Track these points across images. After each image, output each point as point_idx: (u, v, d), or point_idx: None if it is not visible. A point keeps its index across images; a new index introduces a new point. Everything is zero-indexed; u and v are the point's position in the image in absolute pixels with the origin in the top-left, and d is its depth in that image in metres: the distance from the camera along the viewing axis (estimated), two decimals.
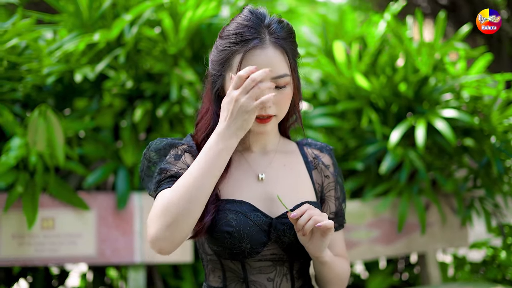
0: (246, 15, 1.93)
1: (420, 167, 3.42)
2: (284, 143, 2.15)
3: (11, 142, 3.12)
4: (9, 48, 3.41)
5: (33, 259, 3.23)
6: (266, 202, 1.99)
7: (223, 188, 1.98)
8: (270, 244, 1.95)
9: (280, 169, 2.06)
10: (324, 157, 2.15)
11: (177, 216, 1.74)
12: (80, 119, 3.45)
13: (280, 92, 1.90)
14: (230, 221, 1.90)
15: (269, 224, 1.94)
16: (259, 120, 1.91)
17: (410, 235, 3.57)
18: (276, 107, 1.92)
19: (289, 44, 1.94)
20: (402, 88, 3.54)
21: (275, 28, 1.91)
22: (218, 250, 1.95)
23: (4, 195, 3.19)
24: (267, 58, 1.87)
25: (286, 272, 2.00)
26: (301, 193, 2.05)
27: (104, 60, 3.37)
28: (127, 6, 3.56)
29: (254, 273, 1.97)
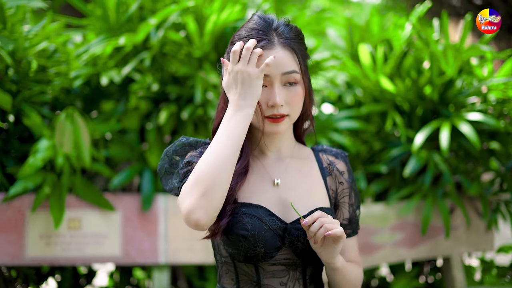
0: (256, 20, 2.00)
1: (444, 170, 3.41)
2: (299, 148, 2.16)
3: (39, 144, 3.19)
4: (39, 52, 3.48)
5: (59, 259, 3.29)
6: (281, 207, 2.00)
7: (239, 191, 2.00)
8: (284, 249, 1.96)
9: (295, 175, 2.07)
10: (339, 164, 2.16)
11: (210, 182, 1.78)
12: (106, 121, 3.51)
13: (291, 90, 1.94)
14: (246, 224, 1.92)
15: (283, 229, 1.96)
16: (272, 120, 1.94)
17: (435, 238, 3.56)
18: (288, 107, 1.94)
19: (298, 45, 1.98)
20: (427, 91, 3.53)
21: (282, 30, 1.97)
22: (233, 253, 1.97)
23: (32, 195, 3.26)
24: (276, 56, 1.91)
25: (299, 277, 2.01)
26: (315, 199, 2.06)
27: (130, 63, 3.43)
28: (154, 9, 3.61)
29: (267, 277, 1.99)
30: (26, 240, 3.26)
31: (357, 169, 3.67)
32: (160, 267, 3.36)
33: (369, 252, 3.44)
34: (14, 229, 3.26)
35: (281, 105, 1.91)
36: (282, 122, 1.95)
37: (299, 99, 1.96)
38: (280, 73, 1.91)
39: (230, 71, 1.90)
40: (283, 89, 1.93)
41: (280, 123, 1.95)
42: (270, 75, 1.91)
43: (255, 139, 2.07)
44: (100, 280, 4.39)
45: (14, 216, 3.26)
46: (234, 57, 1.89)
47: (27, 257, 3.25)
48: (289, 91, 1.93)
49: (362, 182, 3.53)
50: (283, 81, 1.93)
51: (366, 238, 3.44)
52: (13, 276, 3.69)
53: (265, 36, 1.94)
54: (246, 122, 1.86)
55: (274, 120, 1.94)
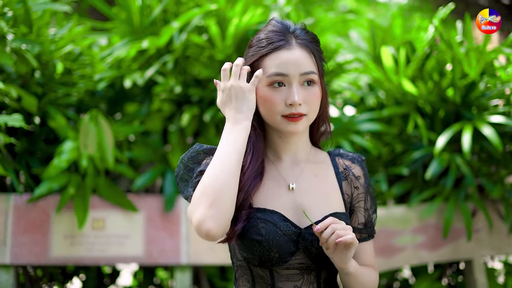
0: (273, 23, 2.04)
1: (466, 172, 3.40)
2: (315, 153, 2.17)
3: (63, 146, 3.25)
4: (65, 54, 3.54)
5: (84, 259, 3.35)
6: (296, 212, 2.01)
7: (255, 196, 2.02)
8: (298, 253, 1.98)
9: (310, 180, 2.08)
10: (355, 168, 2.16)
11: (217, 193, 1.82)
12: (130, 123, 3.56)
13: (308, 90, 1.96)
14: (260, 230, 1.94)
15: (298, 234, 1.97)
16: (290, 119, 1.95)
17: (457, 241, 3.55)
18: (306, 106, 1.96)
19: (315, 49, 2.02)
20: (449, 93, 3.52)
21: (299, 33, 2.01)
22: (247, 257, 1.99)
23: (57, 196, 3.32)
24: (294, 56, 1.95)
25: (313, 281, 2.03)
26: (330, 204, 2.06)
27: (153, 66, 3.47)
28: (177, 12, 3.66)
29: (281, 280, 2.00)
30: (51, 240, 3.32)
31: (379, 171, 3.67)
32: (182, 268, 3.40)
33: (390, 254, 3.44)
34: (39, 230, 3.31)
35: (299, 103, 1.93)
36: (300, 122, 1.96)
37: (316, 99, 1.98)
38: (298, 73, 1.94)
39: (223, 88, 1.96)
40: (301, 89, 1.95)
41: (298, 122, 1.96)
42: (288, 75, 1.94)
43: (271, 142, 2.09)
44: (124, 280, 4.45)
45: (39, 217, 3.32)
46: (224, 75, 1.96)
47: (52, 257, 3.31)
48: (307, 91, 1.96)
49: (383, 184, 3.54)
50: (301, 81, 1.95)
51: (387, 241, 3.45)
52: (38, 275, 3.76)
53: (283, 37, 1.98)
54: (245, 134, 1.92)
55: (292, 119, 1.95)
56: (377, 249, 3.38)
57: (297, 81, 1.95)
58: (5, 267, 3.26)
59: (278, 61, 1.95)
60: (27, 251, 3.29)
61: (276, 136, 2.06)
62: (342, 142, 3.57)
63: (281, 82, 1.95)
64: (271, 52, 1.97)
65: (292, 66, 1.94)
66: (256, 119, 2.03)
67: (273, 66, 1.95)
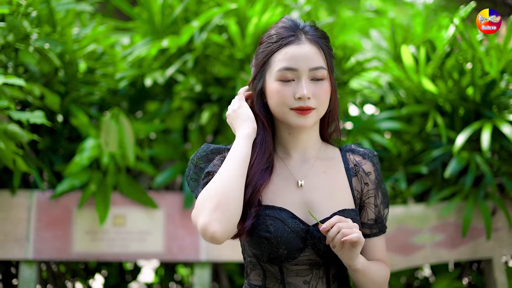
0: (284, 20, 2.07)
1: (486, 171, 3.39)
2: (325, 149, 2.18)
3: (85, 143, 3.30)
4: (88, 54, 3.61)
5: (105, 255, 3.40)
6: (305, 208, 2.03)
7: (264, 193, 2.04)
8: (307, 250, 2.00)
9: (319, 176, 2.10)
10: (366, 164, 2.16)
11: (223, 195, 1.85)
12: (150, 121, 3.61)
13: (317, 84, 1.98)
14: (269, 227, 1.97)
15: (306, 231, 1.99)
16: (300, 112, 1.97)
17: (476, 240, 3.53)
18: (315, 100, 1.98)
19: (325, 45, 2.04)
20: (469, 92, 3.51)
21: (309, 30, 2.04)
22: (257, 254, 2.02)
23: (79, 193, 3.38)
24: (303, 51, 1.98)
25: (322, 276, 2.05)
26: (339, 201, 2.08)
27: (174, 65, 3.51)
28: (198, 12, 3.69)
29: (291, 276, 2.03)
30: (73, 236, 3.38)
31: (398, 170, 3.67)
32: (202, 264, 3.43)
33: (409, 252, 3.44)
34: (61, 226, 3.38)
35: (308, 97, 1.95)
36: (309, 115, 1.98)
37: (325, 94, 2.00)
38: (307, 69, 1.97)
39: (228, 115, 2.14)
40: (311, 84, 1.97)
41: (307, 115, 1.98)
42: (298, 69, 1.96)
43: (281, 139, 2.11)
44: (145, 277, 4.50)
45: (62, 213, 3.38)
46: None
47: (74, 253, 3.37)
48: (316, 85, 1.98)
49: (402, 182, 3.54)
50: (310, 76, 1.97)
51: (406, 239, 3.44)
52: (61, 271, 3.82)
53: (293, 33, 2.01)
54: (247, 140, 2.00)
55: (302, 112, 1.97)
56: (395, 247, 3.40)
57: (306, 75, 1.97)
58: (28, 262, 3.33)
59: (288, 56, 1.97)
60: (49, 247, 3.35)
61: (286, 132, 2.09)
62: (362, 140, 3.58)
63: (292, 77, 1.97)
64: (281, 47, 1.99)
65: (302, 61, 1.96)
66: (264, 115, 2.07)
67: (282, 61, 1.98)
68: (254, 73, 2.09)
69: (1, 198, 3.34)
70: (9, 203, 3.35)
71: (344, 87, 3.83)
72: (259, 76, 2.05)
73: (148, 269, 4.50)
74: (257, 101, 2.09)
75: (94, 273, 3.99)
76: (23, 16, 3.21)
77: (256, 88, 2.08)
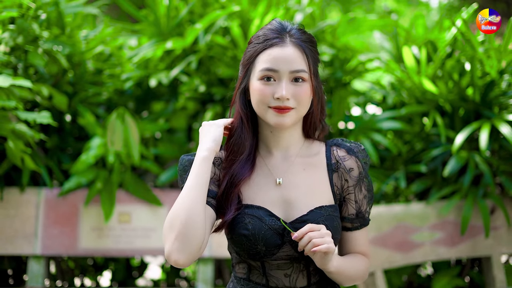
0: (273, 23, 2.13)
1: (485, 170, 3.43)
2: (308, 146, 2.23)
3: (91, 142, 3.40)
4: (96, 55, 3.71)
5: (110, 250, 3.50)
6: (283, 205, 2.10)
7: (245, 192, 2.12)
8: (285, 246, 2.06)
9: (299, 174, 2.15)
10: (349, 160, 2.20)
11: (181, 226, 1.91)
12: (156, 121, 3.70)
13: (298, 85, 2.04)
14: (247, 225, 2.04)
15: (283, 228, 2.06)
16: (278, 110, 2.03)
17: (475, 237, 3.58)
18: (295, 100, 2.04)
19: (309, 48, 2.09)
20: (469, 92, 3.56)
21: (295, 33, 2.09)
22: (238, 251, 2.10)
23: (85, 190, 3.48)
24: (286, 53, 2.04)
25: (303, 269, 2.12)
26: (318, 197, 2.13)
27: (178, 66, 3.60)
28: (203, 14, 3.78)
29: (272, 269, 2.10)
30: (80, 232, 3.48)
31: (399, 169, 3.74)
32: (205, 260, 3.52)
33: (408, 249, 3.49)
34: (68, 222, 3.48)
35: (287, 98, 2.01)
36: (288, 114, 2.04)
37: (305, 95, 2.05)
38: (288, 71, 2.03)
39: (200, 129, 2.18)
40: (291, 85, 2.03)
41: (285, 114, 2.04)
42: (278, 71, 2.02)
43: (263, 137, 2.18)
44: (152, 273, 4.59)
45: (69, 210, 3.48)
46: None
47: (81, 248, 3.47)
48: (296, 87, 2.03)
49: (402, 181, 3.60)
50: (291, 78, 2.03)
51: (405, 236, 3.50)
52: (70, 267, 3.92)
53: (278, 35, 2.07)
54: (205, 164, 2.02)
55: (280, 111, 2.03)
56: (395, 244, 3.46)
57: (286, 77, 2.03)
58: (36, 258, 3.43)
59: (271, 57, 2.03)
60: (57, 243, 3.45)
61: (268, 131, 2.15)
62: (362, 139, 3.65)
63: (272, 77, 2.03)
64: (265, 48, 2.06)
65: (283, 62, 2.02)
66: (245, 113, 2.14)
67: (265, 61, 2.04)
68: (240, 72, 2.17)
69: (11, 196, 3.45)
70: (18, 200, 3.45)
71: (346, 87, 3.90)
72: (244, 75, 2.12)
73: (155, 265, 4.59)
74: (240, 99, 2.16)
75: (102, 269, 4.08)
76: (33, 18, 3.32)
77: (240, 85, 2.16)
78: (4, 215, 3.42)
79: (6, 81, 2.79)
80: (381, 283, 3.37)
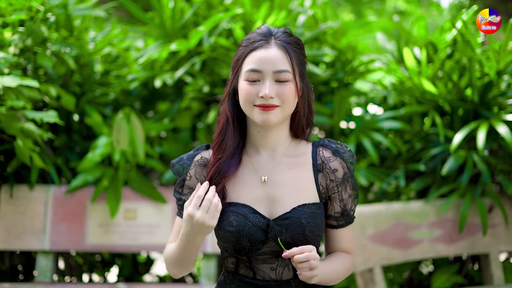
0: (261, 27, 2.21)
1: (483, 169, 3.49)
2: (296, 145, 2.30)
3: (98, 141, 3.51)
4: (103, 56, 3.81)
5: (116, 246, 3.60)
6: (267, 203, 2.18)
7: (231, 189, 2.20)
8: (269, 242, 2.15)
9: (284, 172, 2.22)
10: (334, 161, 2.25)
11: (178, 267, 2.22)
12: (161, 120, 3.80)
13: (281, 85, 2.11)
14: (232, 222, 2.13)
15: (266, 225, 2.14)
16: (263, 108, 2.10)
17: (474, 235, 3.64)
18: (279, 99, 2.10)
19: (293, 49, 2.16)
20: (468, 92, 3.62)
21: (280, 35, 2.17)
22: (225, 246, 2.20)
23: (93, 188, 3.58)
24: (269, 55, 2.11)
25: (288, 263, 2.20)
26: (302, 195, 2.20)
27: (183, 67, 3.69)
28: (208, 16, 3.87)
29: (259, 263, 2.19)
30: (87, 228, 3.58)
31: (399, 168, 3.81)
32: (208, 256, 3.61)
33: (406, 246, 3.56)
34: (76, 218, 3.59)
35: (270, 96, 2.08)
36: (272, 112, 2.11)
37: (290, 94, 2.12)
38: (272, 71, 2.10)
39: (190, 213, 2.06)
40: (274, 84, 2.10)
41: (270, 111, 2.10)
42: (262, 71, 2.10)
43: (251, 137, 2.25)
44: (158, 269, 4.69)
45: (76, 207, 3.59)
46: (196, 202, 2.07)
47: (88, 244, 3.57)
48: (280, 86, 2.10)
49: (401, 180, 3.67)
50: (274, 78, 2.10)
51: (404, 234, 3.56)
52: (79, 263, 4.03)
53: (264, 38, 2.15)
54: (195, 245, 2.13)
55: (264, 109, 2.10)
56: (393, 241, 3.53)
57: (270, 77, 2.09)
58: (45, 253, 3.55)
59: (255, 58, 2.11)
60: (65, 239, 3.56)
61: (255, 130, 2.22)
62: (363, 139, 3.72)
63: (257, 78, 2.11)
64: (252, 50, 2.13)
65: (267, 63, 2.09)
66: (232, 113, 2.22)
67: (251, 63, 2.12)
68: (230, 73, 2.25)
69: (20, 193, 3.56)
70: (27, 197, 3.56)
71: (348, 88, 3.98)
72: (233, 77, 2.21)
73: (161, 261, 4.68)
74: (229, 100, 2.23)
75: (109, 265, 4.18)
76: (41, 21, 3.42)
77: (230, 87, 2.22)
78: (14, 211, 3.54)
79: (14, 81, 2.89)
80: (379, 279, 3.44)
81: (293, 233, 2.11)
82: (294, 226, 2.11)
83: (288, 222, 2.11)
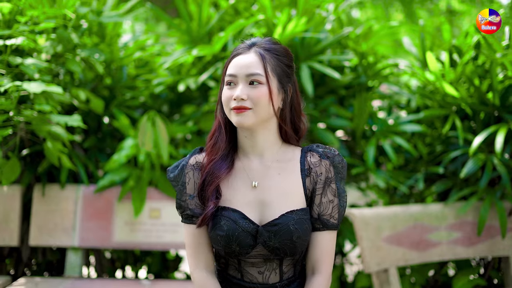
0: (251, 39, 2.32)
1: (502, 172, 3.50)
2: (284, 151, 2.37)
3: (124, 143, 3.66)
4: (134, 61, 3.97)
5: (141, 244, 3.75)
6: (258, 208, 2.27)
7: (224, 195, 2.30)
8: (258, 246, 2.25)
9: (274, 178, 2.30)
10: (319, 166, 2.32)
11: None
12: (185, 123, 3.93)
13: (254, 87, 2.20)
14: (223, 226, 2.23)
15: (255, 231, 2.23)
16: (236, 110, 2.20)
17: (493, 238, 3.65)
18: (251, 101, 2.19)
19: (270, 56, 2.25)
20: (489, 96, 3.64)
21: (261, 42, 2.28)
22: (216, 248, 2.30)
23: (119, 188, 3.74)
24: (244, 60, 2.22)
25: (276, 267, 2.29)
26: (291, 200, 2.28)
27: (207, 71, 3.82)
28: (233, 21, 3.98)
29: (247, 266, 2.30)
30: (114, 226, 3.74)
31: (419, 171, 3.85)
32: None
33: (424, 248, 3.59)
34: (104, 217, 3.75)
35: (241, 98, 2.18)
36: (245, 114, 2.19)
37: (262, 96, 2.20)
38: (244, 74, 2.20)
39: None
40: (247, 87, 2.20)
41: (242, 113, 2.19)
42: (237, 75, 2.21)
43: (240, 142, 2.35)
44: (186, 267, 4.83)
45: (104, 205, 3.75)
46: None
47: (114, 241, 3.73)
48: (253, 89, 2.20)
49: (420, 183, 3.72)
50: (248, 81, 2.20)
51: (422, 235, 3.59)
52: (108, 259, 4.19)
53: (247, 46, 2.27)
54: None
55: (237, 111, 2.19)
56: (411, 243, 3.56)
57: (243, 80, 2.20)
58: (74, 249, 3.72)
59: (233, 64, 2.24)
60: (93, 236, 3.73)
61: (242, 135, 2.32)
62: (383, 142, 3.78)
63: (232, 82, 2.23)
64: (233, 58, 2.27)
65: (241, 68, 2.21)
66: (223, 119, 2.33)
67: (229, 69, 2.25)
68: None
69: (52, 192, 3.74)
70: (58, 196, 3.74)
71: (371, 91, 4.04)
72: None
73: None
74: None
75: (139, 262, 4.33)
76: (73, 28, 3.59)
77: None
78: (45, 210, 3.72)
79: (39, 87, 3.05)
80: (394, 280, 3.48)
81: (281, 239, 2.21)
82: (283, 232, 2.20)
83: (277, 228, 2.21)
